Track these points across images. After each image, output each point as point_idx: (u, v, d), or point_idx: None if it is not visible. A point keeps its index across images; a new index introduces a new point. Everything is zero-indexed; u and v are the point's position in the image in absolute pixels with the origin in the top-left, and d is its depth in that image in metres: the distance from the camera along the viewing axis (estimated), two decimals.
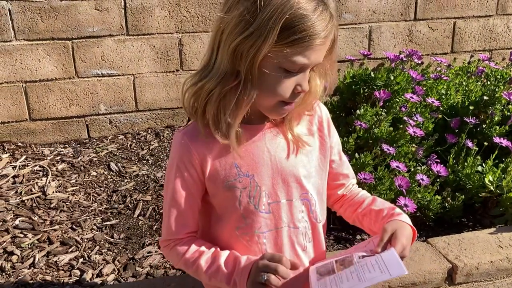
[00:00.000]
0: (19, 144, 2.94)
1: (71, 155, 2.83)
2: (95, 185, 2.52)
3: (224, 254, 1.12)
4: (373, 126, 2.29)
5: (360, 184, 2.08)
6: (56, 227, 2.18)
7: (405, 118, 2.29)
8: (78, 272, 1.92)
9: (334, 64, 1.11)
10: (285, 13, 0.92)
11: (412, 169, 2.18)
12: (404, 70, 2.60)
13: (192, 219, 1.15)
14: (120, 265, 1.96)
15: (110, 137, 3.06)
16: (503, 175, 2.13)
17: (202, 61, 1.07)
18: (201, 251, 1.13)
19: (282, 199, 1.13)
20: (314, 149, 1.19)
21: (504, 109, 2.47)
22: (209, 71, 1.03)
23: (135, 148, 2.93)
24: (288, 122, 1.13)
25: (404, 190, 2.03)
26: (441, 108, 2.54)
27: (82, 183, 2.54)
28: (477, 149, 2.24)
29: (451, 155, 2.27)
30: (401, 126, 2.27)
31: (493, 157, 2.22)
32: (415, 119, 2.30)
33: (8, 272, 1.91)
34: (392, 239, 1.07)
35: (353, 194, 1.30)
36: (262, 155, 1.11)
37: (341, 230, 2.14)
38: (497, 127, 2.38)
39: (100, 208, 2.33)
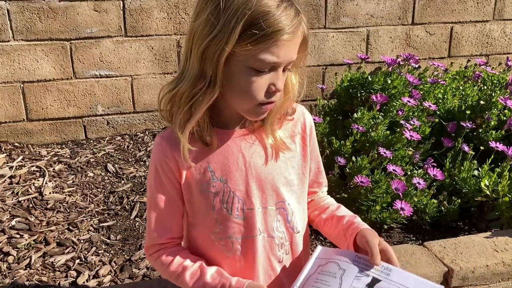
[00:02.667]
0: (16, 144, 2.94)
1: (68, 156, 2.83)
2: (92, 186, 2.52)
3: (210, 270, 1.11)
4: (370, 130, 2.30)
5: (357, 187, 2.09)
6: (53, 228, 2.18)
7: (402, 121, 2.30)
8: (74, 273, 1.92)
9: (304, 61, 1.09)
10: (246, 12, 0.92)
11: (409, 173, 2.19)
12: (401, 74, 2.62)
13: (174, 223, 1.14)
14: (116, 266, 1.96)
15: (107, 138, 3.06)
16: (499, 180, 2.14)
17: (178, 71, 1.08)
18: (185, 265, 1.11)
19: (257, 206, 1.11)
20: (295, 156, 1.17)
21: (501, 114, 2.49)
22: (183, 78, 1.03)
23: (132, 149, 2.93)
24: (269, 125, 1.11)
25: (400, 194, 2.04)
26: (438, 112, 2.55)
27: (79, 184, 2.54)
28: (473, 153, 2.26)
29: (448, 159, 2.28)
30: (398, 129, 2.28)
31: (489, 162, 2.23)
32: (412, 123, 2.31)
33: (4, 273, 1.91)
34: (382, 255, 1.07)
35: (320, 199, 1.30)
36: (237, 160, 1.10)
37: None
38: (493, 132, 2.39)
39: (97, 209, 2.33)
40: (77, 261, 1.98)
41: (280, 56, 0.97)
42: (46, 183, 2.51)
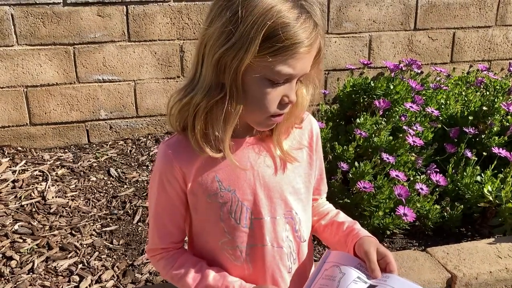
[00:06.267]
0: (19, 148, 2.94)
1: (71, 160, 2.83)
2: (95, 191, 2.52)
3: (212, 273, 1.10)
4: (373, 135, 2.30)
5: (359, 192, 2.09)
6: (56, 232, 2.18)
7: (404, 127, 2.30)
8: (77, 278, 1.92)
9: (321, 74, 1.08)
10: (266, 22, 0.91)
11: (412, 178, 2.19)
12: (404, 79, 2.62)
13: (176, 229, 1.15)
14: (119, 271, 1.96)
15: (110, 143, 3.07)
16: (502, 185, 2.14)
17: (187, 77, 1.06)
18: (187, 268, 1.11)
19: (266, 216, 1.11)
20: (302, 164, 1.16)
21: (503, 120, 2.49)
22: (194, 86, 1.02)
23: (135, 154, 2.93)
24: (276, 136, 1.10)
25: (403, 199, 2.04)
26: (441, 118, 2.55)
27: (81, 188, 2.54)
28: (476, 159, 2.26)
29: (450, 165, 2.28)
30: (401, 135, 2.29)
31: (492, 167, 2.23)
32: (415, 128, 2.32)
33: (7, 277, 1.91)
34: (382, 261, 1.06)
35: (320, 205, 1.30)
36: (245, 170, 1.09)
37: None
38: (496, 138, 2.39)
39: (100, 214, 2.33)
40: (80, 265, 1.98)
41: (296, 68, 0.96)
42: (49, 188, 2.51)
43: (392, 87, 2.54)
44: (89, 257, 2.03)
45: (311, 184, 1.20)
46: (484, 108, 2.46)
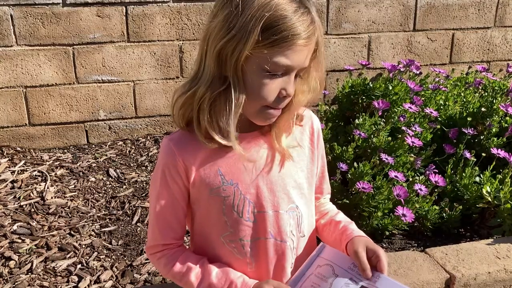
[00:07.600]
0: (18, 148, 2.94)
1: (70, 161, 2.83)
2: (94, 191, 2.52)
3: (214, 270, 1.11)
4: (372, 136, 2.30)
5: (358, 193, 2.09)
6: (54, 232, 2.18)
7: (403, 128, 2.30)
8: (76, 278, 1.92)
9: (321, 71, 1.10)
10: (265, 14, 0.94)
11: (411, 179, 2.19)
12: (403, 80, 2.62)
13: (177, 224, 1.15)
14: (118, 271, 1.96)
15: (109, 143, 3.07)
16: (501, 186, 2.14)
17: (192, 73, 1.08)
18: (190, 266, 1.11)
19: (269, 209, 1.11)
20: (304, 160, 1.18)
21: (502, 121, 2.49)
22: (198, 79, 1.04)
23: (134, 154, 2.93)
24: (274, 131, 1.11)
25: (402, 200, 2.04)
26: (439, 119, 2.56)
27: (80, 188, 2.54)
28: (475, 160, 2.26)
29: (449, 166, 2.28)
30: (400, 136, 2.29)
31: (491, 168, 2.23)
32: (414, 129, 2.32)
33: (6, 278, 1.91)
34: (373, 258, 1.07)
35: (321, 205, 1.31)
36: (247, 163, 1.11)
37: None
38: (495, 139, 2.40)
39: (99, 214, 2.33)
40: (79, 266, 1.98)
41: (294, 60, 0.99)
42: (48, 188, 2.51)
43: (390, 88, 2.54)
44: (88, 258, 2.03)
45: (313, 180, 1.21)
46: (483, 109, 2.47)
